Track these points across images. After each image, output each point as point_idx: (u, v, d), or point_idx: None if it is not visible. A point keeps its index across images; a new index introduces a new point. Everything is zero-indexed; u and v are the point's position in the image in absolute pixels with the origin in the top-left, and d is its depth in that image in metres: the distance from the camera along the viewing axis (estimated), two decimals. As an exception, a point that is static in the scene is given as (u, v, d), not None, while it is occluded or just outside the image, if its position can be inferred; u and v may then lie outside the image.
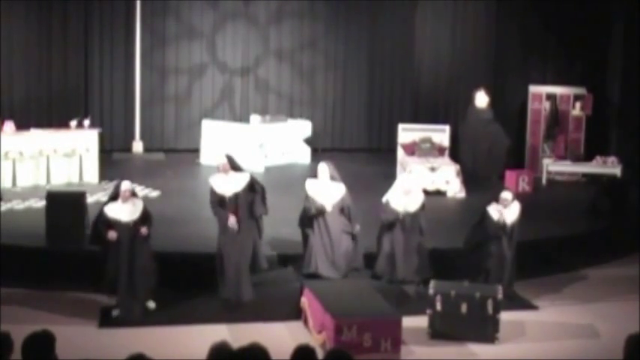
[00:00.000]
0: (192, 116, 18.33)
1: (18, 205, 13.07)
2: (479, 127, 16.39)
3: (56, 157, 14.36)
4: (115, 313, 9.84)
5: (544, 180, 16.20)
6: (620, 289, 11.47)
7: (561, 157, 16.67)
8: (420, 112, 17.98)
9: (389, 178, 11.44)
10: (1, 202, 12.96)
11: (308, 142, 17.75)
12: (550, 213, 13.78)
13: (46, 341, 5.30)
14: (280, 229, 11.73)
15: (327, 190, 10.67)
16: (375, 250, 10.89)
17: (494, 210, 10.62)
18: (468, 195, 14.57)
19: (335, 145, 18.67)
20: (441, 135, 16.35)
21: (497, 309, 9.52)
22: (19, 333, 5.39)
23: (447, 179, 14.88)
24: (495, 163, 16.17)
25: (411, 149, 16.04)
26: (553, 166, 16.38)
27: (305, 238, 10.74)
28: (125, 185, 9.96)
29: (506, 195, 10.65)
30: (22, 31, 16.94)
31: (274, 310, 10.03)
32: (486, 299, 9.54)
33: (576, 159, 16.52)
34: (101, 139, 15.30)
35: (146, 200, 11.09)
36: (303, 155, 17.52)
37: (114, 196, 9.98)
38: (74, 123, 14.71)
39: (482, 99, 16.41)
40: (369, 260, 10.88)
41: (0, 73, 16.55)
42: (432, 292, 9.64)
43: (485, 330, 9.52)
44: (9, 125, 14.27)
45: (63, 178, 14.39)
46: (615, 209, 13.63)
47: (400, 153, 16.19)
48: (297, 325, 9.80)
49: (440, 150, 16.06)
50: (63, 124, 15.01)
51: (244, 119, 17.82)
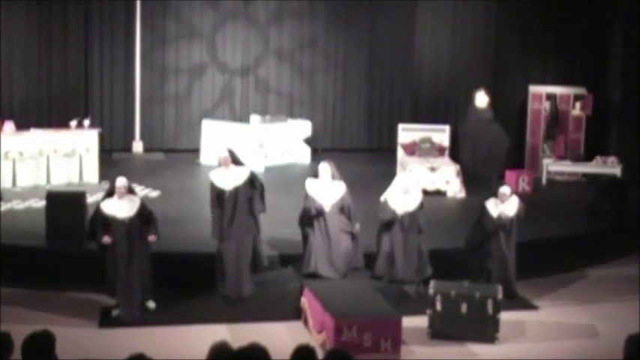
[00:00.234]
0: (192, 116, 18.32)
1: (18, 205, 13.07)
2: (479, 127, 16.39)
3: (56, 157, 14.35)
4: (115, 313, 9.84)
5: (544, 180, 16.19)
6: (620, 289, 11.47)
7: (561, 157, 16.67)
8: (420, 112, 17.96)
9: (389, 178, 11.41)
10: (1, 202, 12.96)
11: (308, 142, 17.75)
12: (550, 213, 13.77)
13: (46, 341, 5.31)
14: (280, 229, 11.73)
15: (327, 190, 10.67)
16: (375, 250, 10.89)
17: (492, 205, 10.65)
18: (468, 195, 14.57)
19: (335, 145, 18.66)
20: (441, 135, 16.35)
21: (498, 309, 9.53)
22: (19, 333, 5.39)
23: (447, 179, 14.88)
24: (495, 163, 16.17)
25: (411, 149, 16.05)
26: (553, 166, 16.37)
27: (305, 237, 10.74)
28: (120, 181, 9.91)
29: (505, 190, 10.69)
30: (22, 31, 16.93)
31: (274, 310, 10.04)
32: (486, 299, 9.55)
33: (576, 159, 16.51)
34: (101, 139, 15.29)
35: (146, 200, 11.09)
36: (303, 155, 17.51)
37: (110, 193, 9.97)
38: (74, 123, 14.71)
39: (482, 99, 16.41)
40: (368, 260, 10.88)
41: (0, 73, 16.55)
42: (432, 292, 9.65)
43: (485, 330, 9.52)
44: (9, 125, 14.27)
45: (63, 178, 14.38)
46: (615, 209, 13.62)
47: (400, 153, 16.20)
48: (297, 325, 9.81)
49: (440, 150, 16.07)
50: (63, 124, 15.00)
51: (244, 119, 17.82)
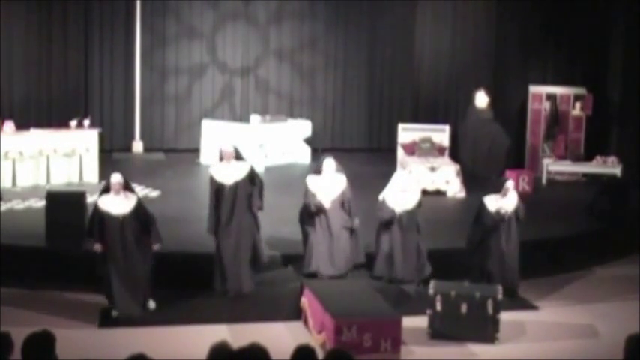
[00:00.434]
0: (192, 116, 18.33)
1: (18, 205, 13.07)
2: (479, 127, 16.40)
3: (56, 157, 14.35)
4: (115, 313, 9.83)
5: (544, 180, 16.19)
6: (620, 289, 11.47)
7: (561, 157, 16.66)
8: (420, 112, 17.97)
9: (389, 178, 11.40)
10: (1, 202, 12.95)
11: (308, 142, 17.75)
12: (550, 213, 13.77)
13: (47, 341, 5.30)
14: (280, 228, 11.73)
15: (328, 186, 10.67)
16: (374, 250, 10.88)
17: (490, 201, 10.66)
18: (468, 195, 14.56)
19: (335, 145, 18.65)
20: (441, 135, 16.36)
21: (497, 309, 9.52)
22: (18, 333, 5.39)
23: (447, 179, 14.88)
24: (495, 163, 16.17)
25: (411, 149, 16.05)
26: (553, 166, 16.37)
27: (305, 235, 10.73)
28: (115, 178, 9.84)
29: (509, 185, 10.72)
30: (22, 31, 16.93)
31: (274, 310, 10.04)
32: (486, 299, 9.54)
33: (576, 159, 16.51)
34: (101, 139, 15.29)
35: (146, 200, 11.10)
36: (303, 155, 17.51)
37: (106, 189, 9.94)
38: (74, 123, 14.70)
39: (482, 99, 16.41)
40: (368, 260, 10.88)
41: (0, 73, 16.55)
42: (432, 292, 9.65)
43: (485, 330, 9.52)
44: (9, 125, 14.26)
45: (63, 178, 14.38)
46: (615, 209, 13.61)
47: (400, 153, 16.20)
48: (297, 325, 9.80)
49: (440, 150, 16.07)
50: (63, 124, 15.00)
51: (244, 119, 17.82)
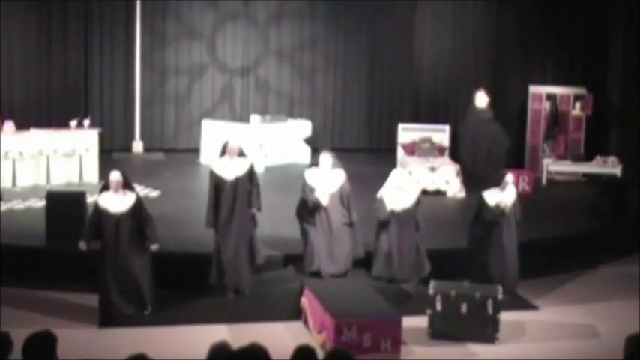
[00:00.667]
0: (192, 116, 18.32)
1: (18, 205, 13.07)
2: (479, 127, 16.39)
3: (56, 157, 14.34)
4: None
5: (544, 180, 16.19)
6: (620, 289, 11.47)
7: (561, 157, 16.66)
8: (420, 112, 17.96)
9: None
10: (1, 202, 12.95)
11: (308, 142, 17.74)
12: (550, 213, 13.77)
13: (48, 341, 5.30)
14: (280, 228, 11.73)
15: (327, 179, 10.67)
16: (373, 250, 10.86)
17: (489, 196, 10.65)
18: (468, 195, 14.55)
19: (335, 145, 18.56)
20: (441, 135, 16.36)
21: (497, 309, 9.52)
22: (18, 333, 5.40)
23: (447, 179, 14.88)
24: (495, 163, 16.14)
25: (411, 149, 16.05)
26: (553, 166, 16.37)
27: (304, 232, 10.71)
28: (114, 176, 9.79)
29: (509, 179, 10.73)
30: (22, 31, 16.92)
31: (274, 310, 10.04)
32: (486, 299, 9.55)
33: (576, 159, 16.51)
34: (101, 139, 15.28)
35: (146, 200, 11.09)
36: (303, 155, 17.50)
37: (105, 186, 9.92)
38: (74, 123, 14.70)
39: (482, 99, 16.40)
40: (367, 260, 10.87)
41: (0, 73, 16.55)
42: (432, 292, 9.65)
43: (485, 330, 9.52)
44: (9, 125, 14.26)
45: (63, 178, 14.37)
46: (615, 209, 13.61)
47: (400, 153, 16.20)
48: (297, 325, 9.80)
49: (440, 150, 16.07)
50: (63, 124, 14.99)
51: (244, 119, 17.82)
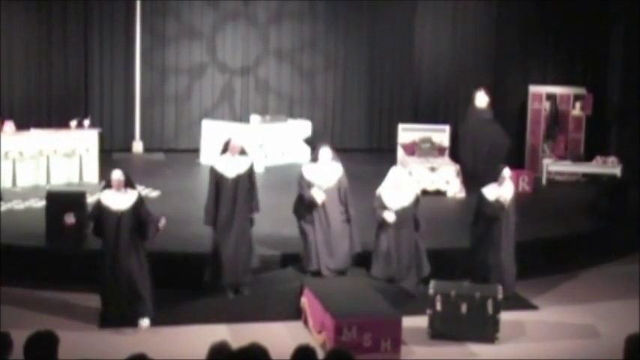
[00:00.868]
0: (192, 116, 18.32)
1: (18, 205, 13.07)
2: (479, 127, 16.37)
3: (56, 157, 14.33)
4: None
5: (544, 180, 16.18)
6: (620, 289, 11.47)
7: (561, 157, 16.66)
8: (420, 112, 17.96)
9: (389, 178, 11.42)
10: (1, 202, 12.95)
11: (308, 142, 17.74)
12: (550, 213, 13.77)
13: (50, 342, 5.28)
14: (280, 228, 11.73)
15: (325, 174, 10.68)
16: (373, 249, 10.84)
17: (488, 190, 10.66)
18: (467, 195, 14.54)
19: (335, 145, 18.49)
20: (441, 135, 16.36)
21: (497, 309, 9.53)
22: (18, 333, 5.40)
23: (447, 179, 14.88)
24: (495, 163, 16.11)
25: (411, 149, 16.05)
26: (553, 166, 16.36)
27: (302, 231, 10.69)
28: (115, 174, 9.76)
29: (505, 173, 10.71)
30: (22, 31, 16.92)
31: (274, 310, 10.04)
32: (486, 299, 9.55)
33: (576, 159, 16.50)
34: (101, 139, 15.27)
35: (146, 200, 11.07)
36: (303, 155, 17.48)
37: (108, 184, 9.90)
38: (74, 123, 14.68)
39: (482, 99, 16.39)
40: (367, 260, 10.87)
41: (0, 73, 16.55)
42: (432, 292, 9.65)
43: (485, 330, 9.52)
44: (9, 125, 14.25)
45: (63, 178, 14.36)
46: (615, 209, 13.61)
47: (400, 153, 16.20)
48: (297, 325, 9.81)
49: (440, 150, 16.07)
50: (63, 124, 14.97)
51: (244, 119, 17.81)
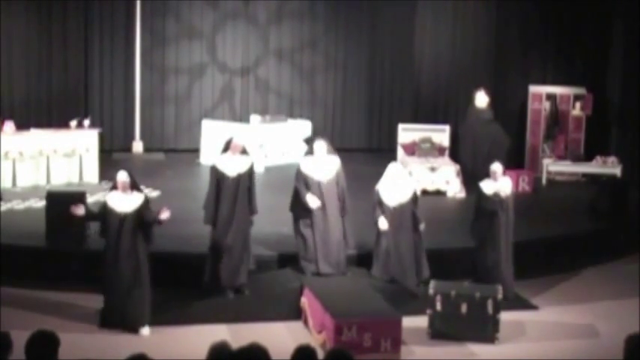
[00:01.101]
0: (192, 116, 18.32)
1: (18, 205, 13.07)
2: (479, 127, 16.37)
3: (56, 157, 14.33)
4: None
5: (544, 180, 16.18)
6: (620, 288, 11.47)
7: (561, 157, 16.66)
8: (420, 112, 17.94)
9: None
10: (1, 202, 12.95)
11: (308, 142, 17.72)
12: (550, 213, 13.77)
13: (51, 343, 5.27)
14: (280, 228, 11.73)
15: (322, 167, 10.68)
16: (373, 249, 10.84)
17: (486, 185, 10.67)
18: (467, 195, 14.53)
19: (335, 145, 18.59)
20: (441, 135, 16.36)
21: (497, 309, 9.53)
22: (18, 333, 5.40)
23: (447, 179, 14.88)
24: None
25: (411, 149, 16.06)
26: (553, 166, 16.36)
27: (298, 232, 10.70)
28: (120, 176, 9.72)
29: (495, 167, 10.69)
30: (22, 31, 16.90)
31: (274, 310, 10.04)
32: (486, 299, 9.55)
33: (576, 159, 16.50)
34: (101, 139, 15.28)
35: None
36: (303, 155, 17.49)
37: (114, 186, 9.87)
38: (74, 123, 14.69)
39: (482, 99, 16.39)
40: (368, 260, 10.88)
41: (0, 73, 16.55)
42: (432, 292, 9.65)
43: (485, 330, 9.52)
44: (9, 125, 14.25)
45: (63, 178, 14.36)
46: (615, 209, 13.61)
47: (400, 153, 16.20)
48: (297, 325, 9.81)
49: (440, 150, 16.07)
50: (63, 124, 14.98)
51: (244, 119, 17.81)
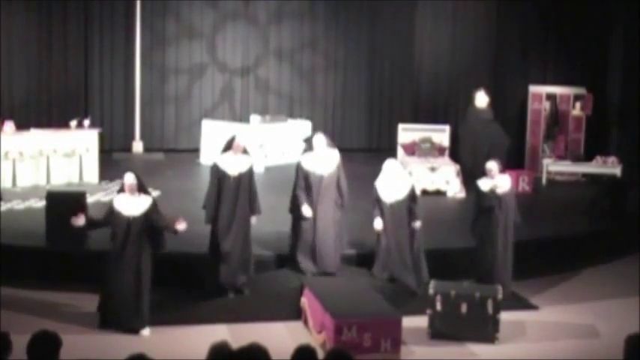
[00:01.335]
0: (192, 116, 18.32)
1: (18, 205, 13.07)
2: (479, 127, 16.36)
3: (56, 157, 14.34)
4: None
5: (544, 180, 16.18)
6: (620, 289, 11.47)
7: (561, 157, 16.66)
8: (420, 112, 17.94)
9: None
10: (1, 202, 12.95)
11: (307, 141, 17.72)
12: (550, 213, 13.77)
13: (53, 343, 5.26)
14: (280, 228, 11.72)
15: (323, 161, 10.70)
16: (375, 249, 10.83)
17: (483, 182, 10.68)
18: (467, 195, 14.53)
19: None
20: (441, 135, 16.36)
21: (497, 309, 9.53)
22: (18, 333, 5.40)
23: (447, 179, 14.88)
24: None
25: (411, 149, 16.06)
26: (553, 166, 16.36)
27: (297, 229, 10.72)
28: (128, 178, 9.70)
29: (490, 165, 10.69)
30: (22, 31, 16.92)
31: (274, 310, 10.04)
32: (486, 299, 9.56)
33: (576, 159, 16.50)
34: (101, 139, 15.29)
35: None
36: (303, 155, 17.49)
37: (121, 188, 9.85)
38: (74, 123, 14.70)
39: (482, 99, 16.38)
40: (369, 260, 10.87)
41: (0, 73, 16.55)
42: (432, 292, 9.66)
43: (485, 330, 9.53)
44: (9, 125, 14.26)
45: (63, 178, 14.37)
46: (615, 209, 13.62)
47: (400, 153, 16.19)
48: (297, 325, 9.81)
49: (440, 150, 16.07)
50: (63, 124, 14.99)
51: (244, 119, 17.81)
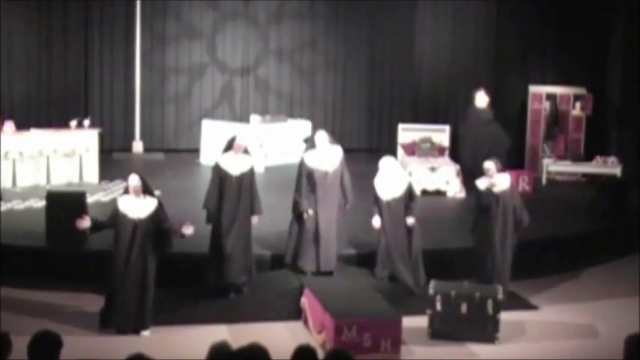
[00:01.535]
0: (192, 116, 18.32)
1: (18, 205, 13.07)
2: (479, 127, 16.36)
3: (56, 157, 14.34)
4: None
5: (544, 180, 16.18)
6: (620, 289, 11.48)
7: (561, 157, 16.66)
8: (420, 112, 17.96)
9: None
10: (1, 202, 12.95)
11: (306, 141, 17.72)
12: (550, 213, 13.76)
13: (54, 344, 5.26)
14: (280, 228, 11.71)
15: (326, 157, 10.72)
16: (377, 249, 10.83)
17: (481, 182, 10.69)
18: (467, 195, 14.53)
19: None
20: (441, 135, 16.37)
21: (497, 309, 9.53)
22: (18, 333, 5.40)
23: (447, 179, 14.89)
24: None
25: (411, 149, 16.06)
26: (553, 166, 16.37)
27: (297, 227, 10.74)
28: (132, 180, 9.69)
29: (488, 165, 10.69)
30: (22, 31, 16.92)
31: (274, 310, 10.04)
32: (486, 299, 9.56)
33: (576, 159, 16.51)
34: (101, 139, 15.29)
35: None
36: (303, 155, 17.49)
37: (125, 190, 9.84)
38: (74, 123, 14.70)
39: (482, 99, 16.38)
40: (369, 260, 10.87)
41: (0, 73, 16.55)
42: (432, 292, 9.66)
43: (485, 330, 9.53)
44: (9, 125, 14.26)
45: (63, 178, 14.37)
46: (615, 209, 13.62)
47: (400, 153, 16.19)
48: (297, 325, 9.82)
49: (440, 150, 16.08)
50: (63, 124, 14.99)
51: (244, 119, 17.81)
